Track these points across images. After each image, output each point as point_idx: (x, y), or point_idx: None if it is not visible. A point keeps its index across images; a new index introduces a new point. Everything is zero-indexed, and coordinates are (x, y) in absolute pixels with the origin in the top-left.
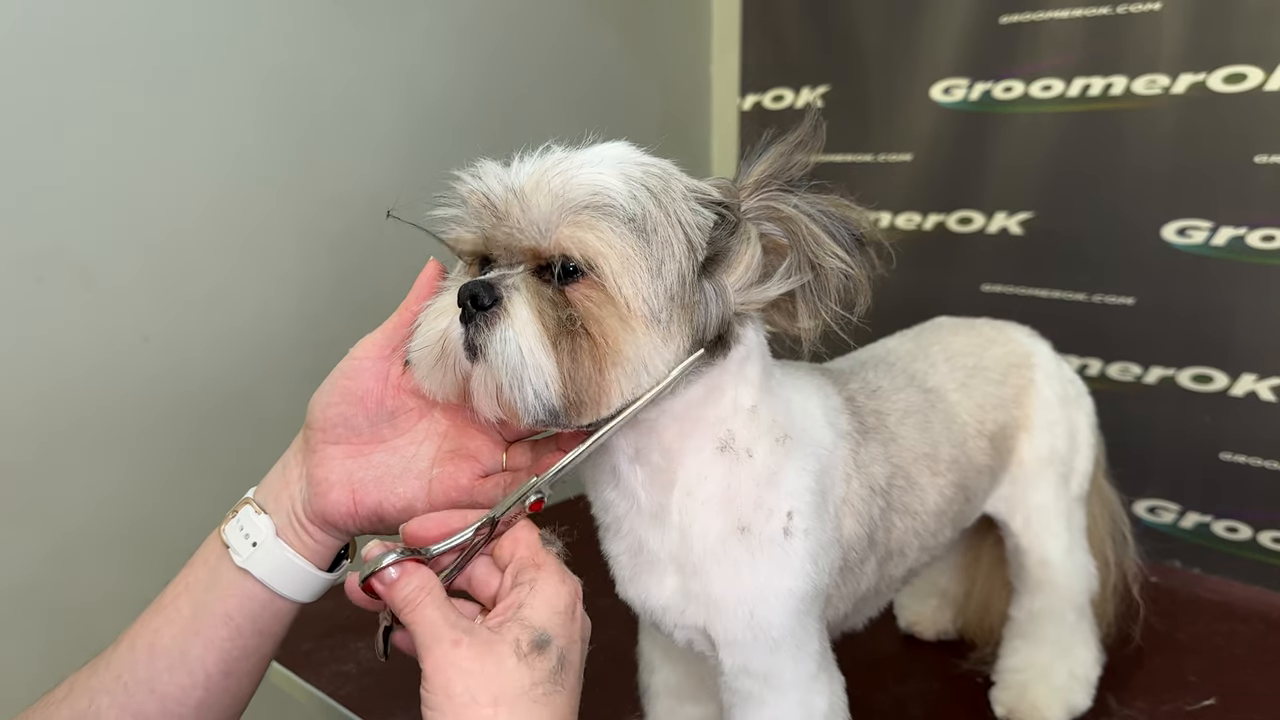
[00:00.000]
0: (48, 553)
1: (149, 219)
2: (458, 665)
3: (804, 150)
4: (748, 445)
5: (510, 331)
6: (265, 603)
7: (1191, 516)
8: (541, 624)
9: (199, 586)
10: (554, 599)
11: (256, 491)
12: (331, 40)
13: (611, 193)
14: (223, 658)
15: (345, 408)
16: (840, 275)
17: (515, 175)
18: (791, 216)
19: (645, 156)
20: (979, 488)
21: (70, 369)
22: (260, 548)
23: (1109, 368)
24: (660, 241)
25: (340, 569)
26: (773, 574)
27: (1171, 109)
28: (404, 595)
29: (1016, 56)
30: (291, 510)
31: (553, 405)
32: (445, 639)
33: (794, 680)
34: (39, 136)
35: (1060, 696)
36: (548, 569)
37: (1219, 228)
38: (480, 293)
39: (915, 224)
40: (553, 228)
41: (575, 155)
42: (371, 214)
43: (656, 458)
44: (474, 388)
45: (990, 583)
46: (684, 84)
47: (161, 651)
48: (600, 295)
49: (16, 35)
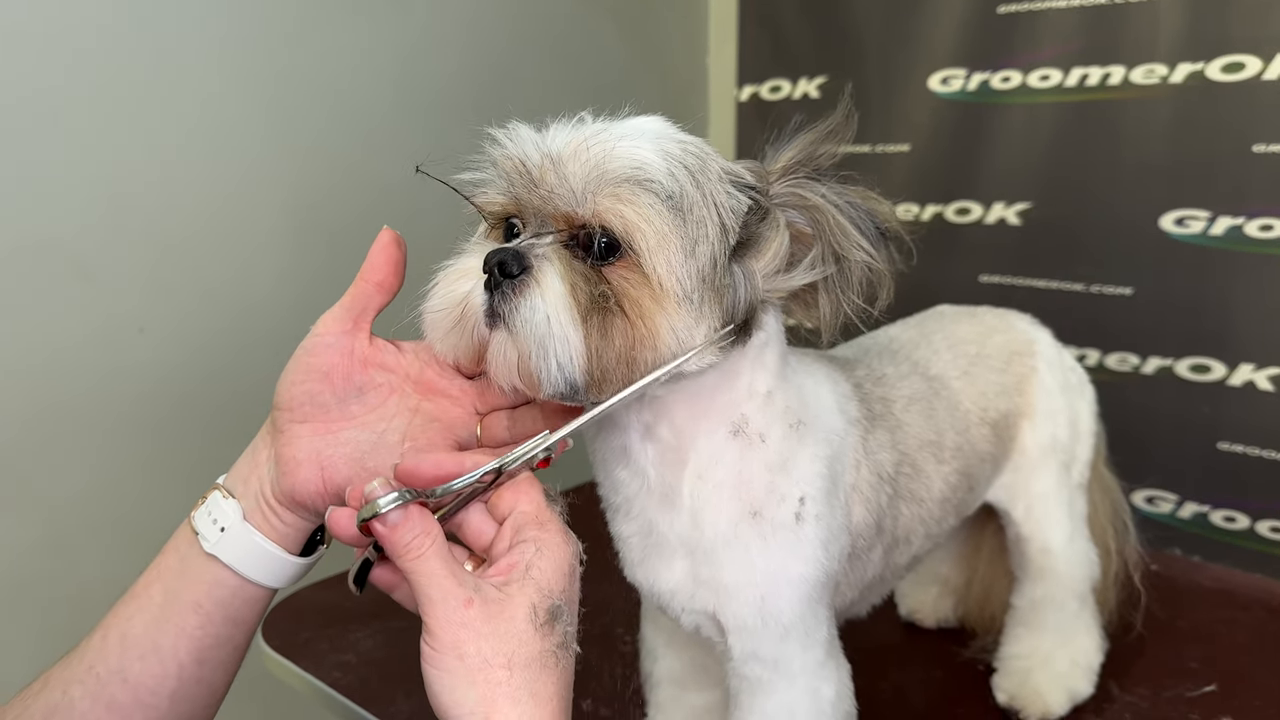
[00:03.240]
0: (38, 541)
1: (143, 210)
2: (470, 626)
3: (834, 140)
4: (761, 430)
5: (539, 301)
6: (235, 589)
7: (1190, 506)
8: (552, 588)
9: (170, 574)
10: (560, 561)
11: (226, 478)
12: (329, 33)
13: (651, 168)
14: (195, 646)
15: (311, 385)
16: (864, 268)
17: (552, 141)
18: (819, 206)
19: (683, 134)
20: (982, 475)
21: (65, 359)
22: (228, 533)
23: (1107, 358)
24: (695, 221)
25: (314, 554)
26: (785, 560)
27: (1169, 98)
28: (406, 541)
29: (1014, 46)
30: (260, 492)
31: (574, 379)
32: (453, 596)
33: (803, 667)
34: (33, 127)
35: (1062, 683)
36: (552, 528)
37: (1217, 217)
38: (509, 260)
39: (913, 215)
40: (589, 197)
41: (614, 126)
42: (369, 207)
43: (666, 435)
44: (492, 355)
45: (991, 571)
46: (681, 75)
47: (133, 641)
48: (635, 274)
49: (15, 29)
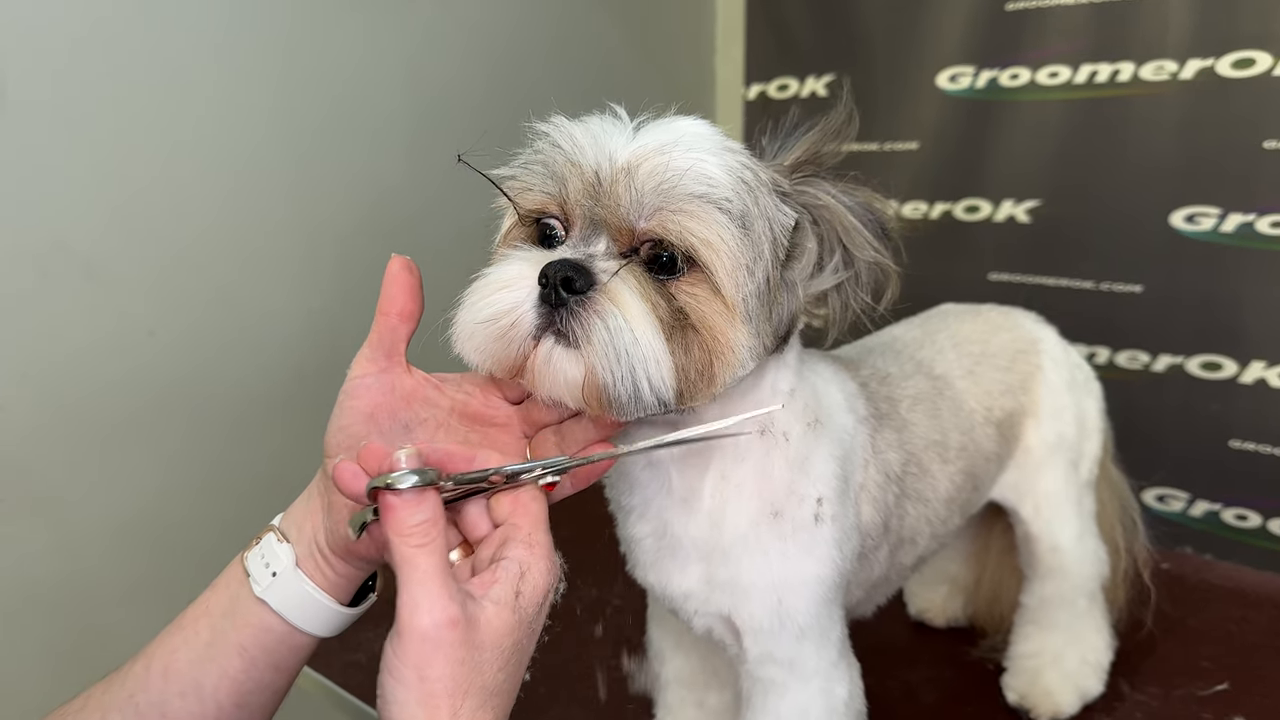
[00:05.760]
0: (55, 549)
1: (152, 212)
2: (444, 649)
3: (839, 138)
4: (785, 429)
5: (621, 320)
6: (282, 636)
7: (1201, 504)
8: (525, 615)
9: (218, 611)
10: (539, 586)
11: (282, 519)
12: (336, 36)
13: (720, 185)
14: (236, 690)
15: (357, 428)
16: (873, 267)
17: (617, 147)
18: (829, 206)
19: (731, 140)
20: (986, 475)
21: (74, 363)
22: (279, 578)
23: (1117, 356)
24: (754, 240)
25: (364, 603)
26: (802, 560)
27: (1179, 95)
28: (412, 523)
29: (1023, 43)
30: (314, 540)
31: (666, 397)
32: (441, 609)
33: (817, 668)
34: (44, 131)
35: (1072, 682)
36: (539, 552)
37: (1228, 214)
38: (574, 276)
39: (922, 213)
40: (658, 212)
41: (674, 134)
42: (377, 209)
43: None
44: (541, 370)
45: (1000, 570)
46: (688, 74)
47: (176, 675)
48: (705, 291)
49: (24, 32)
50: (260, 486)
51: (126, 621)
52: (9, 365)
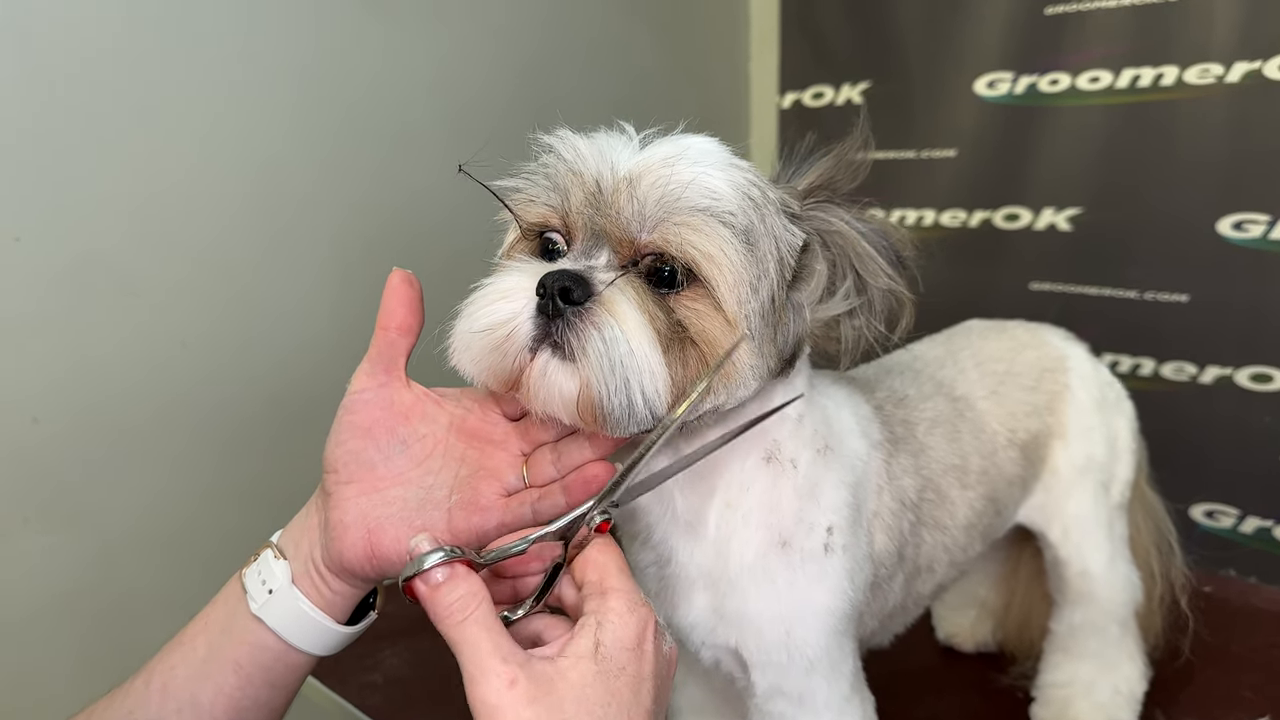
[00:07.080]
0: (90, 558)
1: (184, 225)
2: (511, 710)
3: (853, 165)
4: (792, 456)
5: (618, 332)
6: (278, 654)
7: (1252, 521)
8: (613, 661)
9: (216, 627)
10: (621, 633)
11: (280, 535)
12: (366, 45)
13: (724, 199)
14: (232, 706)
15: (355, 443)
16: (886, 294)
17: (620, 159)
18: (842, 232)
19: (738, 158)
20: (1009, 500)
21: (109, 374)
22: (275, 595)
23: (1163, 367)
24: (759, 257)
25: (363, 622)
26: (811, 591)
27: (1225, 98)
28: (448, 603)
29: (1062, 47)
30: (310, 557)
31: (659, 412)
32: (495, 674)
33: (828, 702)
34: (75, 144)
35: (1104, 713)
36: (614, 596)
37: (1277, 221)
38: (571, 286)
39: (961, 221)
40: (660, 224)
41: (680, 148)
42: (405, 217)
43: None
44: (536, 383)
45: (1030, 594)
46: (722, 83)
47: (173, 692)
48: (706, 306)
49: (53, 45)
50: (303, 497)
51: (159, 632)
52: (44, 378)
